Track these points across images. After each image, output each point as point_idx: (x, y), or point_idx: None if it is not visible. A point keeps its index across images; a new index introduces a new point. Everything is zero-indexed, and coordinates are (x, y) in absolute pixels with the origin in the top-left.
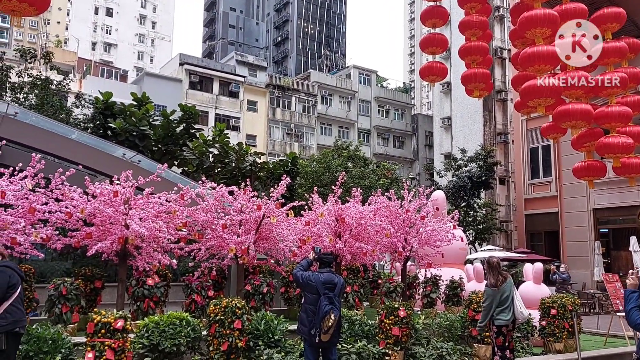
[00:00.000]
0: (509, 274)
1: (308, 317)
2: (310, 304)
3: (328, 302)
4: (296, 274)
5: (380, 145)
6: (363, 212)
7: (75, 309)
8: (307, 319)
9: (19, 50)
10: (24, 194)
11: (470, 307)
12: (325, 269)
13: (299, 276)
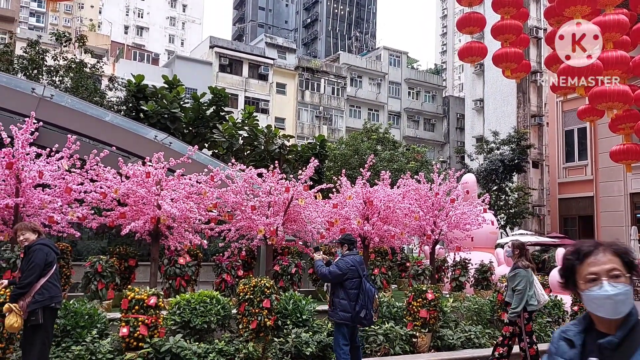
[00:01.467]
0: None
1: (352, 301)
2: (353, 289)
3: (368, 282)
4: (332, 270)
5: (410, 128)
6: (392, 194)
7: (110, 286)
8: (351, 304)
9: (54, 34)
10: (60, 174)
11: (500, 292)
12: (354, 250)
13: (339, 267)
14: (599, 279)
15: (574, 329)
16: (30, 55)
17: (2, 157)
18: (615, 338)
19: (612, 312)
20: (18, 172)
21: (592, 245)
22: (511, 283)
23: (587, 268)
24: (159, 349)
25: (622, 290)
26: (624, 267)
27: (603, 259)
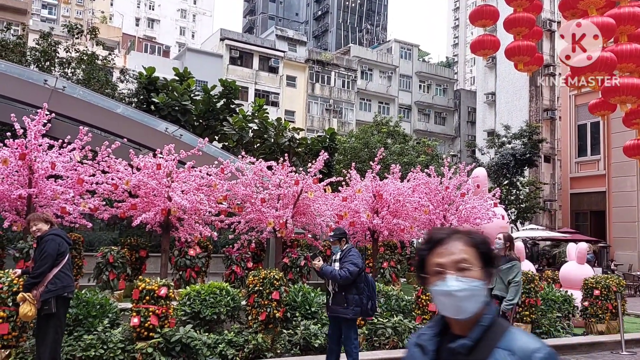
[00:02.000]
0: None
1: (362, 295)
2: (361, 282)
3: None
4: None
5: (420, 122)
6: (401, 188)
7: (122, 277)
8: (362, 298)
9: (66, 26)
10: (72, 165)
11: None
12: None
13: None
14: (445, 272)
15: (427, 332)
16: (43, 47)
17: (15, 148)
18: (468, 341)
19: (455, 310)
20: (31, 163)
21: (445, 233)
22: (506, 275)
23: (434, 259)
24: (170, 339)
25: (466, 286)
26: (478, 259)
27: (453, 249)
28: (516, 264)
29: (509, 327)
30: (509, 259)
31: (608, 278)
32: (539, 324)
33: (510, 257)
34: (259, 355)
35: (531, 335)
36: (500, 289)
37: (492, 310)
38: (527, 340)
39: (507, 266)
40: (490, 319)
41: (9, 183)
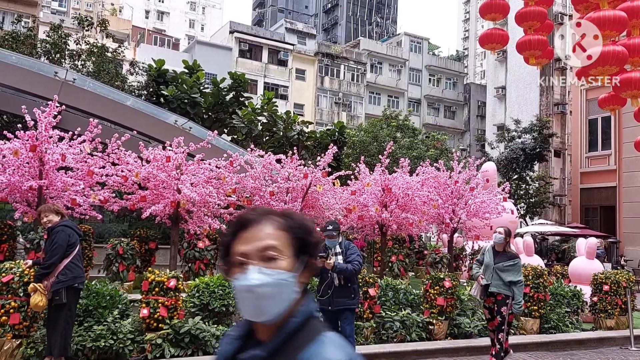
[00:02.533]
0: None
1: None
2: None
3: None
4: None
5: (430, 115)
6: (410, 182)
7: (131, 268)
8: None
9: (76, 18)
10: (83, 157)
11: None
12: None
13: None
14: (247, 262)
15: (232, 333)
16: (53, 39)
17: (26, 139)
18: (261, 351)
19: (253, 311)
20: (41, 154)
21: (254, 215)
22: (506, 274)
23: (238, 246)
24: (179, 330)
25: (269, 280)
26: (291, 246)
27: (259, 234)
28: (518, 262)
29: (321, 334)
30: (509, 256)
31: (618, 273)
32: (547, 319)
33: (510, 254)
34: None
35: (344, 345)
36: (497, 286)
37: (304, 312)
38: (332, 353)
39: (509, 264)
40: (298, 324)
41: (20, 174)
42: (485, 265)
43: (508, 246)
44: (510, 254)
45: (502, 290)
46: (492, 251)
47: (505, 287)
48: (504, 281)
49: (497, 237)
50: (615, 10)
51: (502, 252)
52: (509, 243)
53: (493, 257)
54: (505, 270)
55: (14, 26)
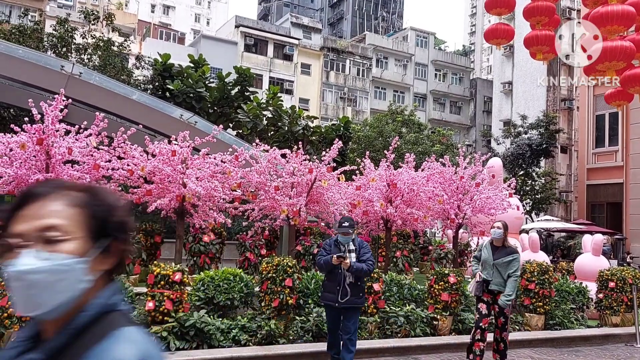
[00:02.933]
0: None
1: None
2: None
3: None
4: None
5: (436, 111)
6: (416, 177)
7: (137, 262)
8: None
9: (83, 12)
10: (89, 151)
11: (524, 277)
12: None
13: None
14: (23, 244)
15: (21, 334)
16: (60, 33)
17: (33, 133)
18: (41, 354)
19: (24, 303)
20: (48, 148)
21: (44, 188)
22: (506, 269)
23: (14, 225)
24: (184, 324)
25: (44, 266)
26: (84, 226)
27: (41, 211)
28: (517, 257)
29: (117, 329)
30: (509, 251)
31: (624, 270)
32: (552, 315)
33: (510, 249)
34: (271, 341)
35: (141, 341)
36: (498, 284)
37: (99, 304)
38: (123, 350)
39: (508, 259)
40: (88, 318)
41: (26, 168)
42: (484, 262)
43: (507, 240)
44: (510, 249)
45: (503, 288)
46: (490, 247)
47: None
48: (505, 279)
49: (496, 232)
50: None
51: (501, 247)
52: (506, 237)
53: (492, 253)
54: (505, 266)
55: (21, 20)
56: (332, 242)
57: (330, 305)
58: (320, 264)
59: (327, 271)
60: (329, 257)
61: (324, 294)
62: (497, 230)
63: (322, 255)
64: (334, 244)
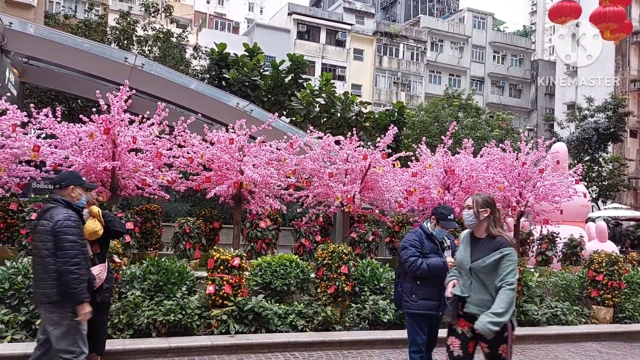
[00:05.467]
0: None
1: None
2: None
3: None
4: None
5: (494, 94)
6: (474, 164)
7: (197, 246)
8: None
9: (143, 5)
10: (151, 139)
11: (591, 267)
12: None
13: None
14: None
15: None
16: (122, 26)
17: (100, 123)
18: None
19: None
20: (114, 137)
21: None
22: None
23: None
24: (243, 308)
25: None
26: None
27: None
28: (511, 253)
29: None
30: (495, 245)
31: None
32: (622, 308)
33: (499, 240)
34: (327, 328)
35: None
36: (480, 302)
37: None
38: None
39: (494, 258)
40: None
41: (95, 156)
42: (459, 265)
43: (493, 226)
44: (498, 240)
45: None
46: (469, 239)
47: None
48: (492, 293)
49: (466, 214)
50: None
51: (485, 239)
52: (494, 220)
53: (470, 250)
54: (489, 271)
55: (86, 14)
56: (421, 236)
57: (428, 315)
58: (423, 269)
59: (415, 272)
60: (441, 261)
61: (419, 302)
62: (467, 212)
63: (414, 255)
64: (427, 239)
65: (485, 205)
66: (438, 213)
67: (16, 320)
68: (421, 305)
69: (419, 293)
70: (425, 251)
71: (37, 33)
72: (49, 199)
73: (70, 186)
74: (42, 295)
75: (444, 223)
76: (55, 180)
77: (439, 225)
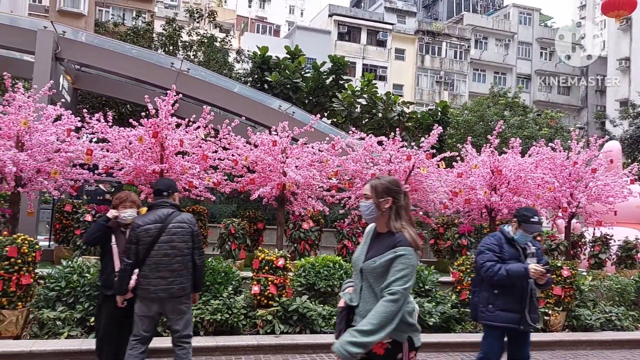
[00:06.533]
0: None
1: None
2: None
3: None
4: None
5: (541, 92)
6: (523, 164)
7: (242, 247)
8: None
9: (188, 11)
10: (197, 142)
11: None
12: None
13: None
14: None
15: None
16: (168, 32)
17: (149, 127)
18: None
19: None
20: (162, 140)
21: None
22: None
23: None
24: (287, 308)
25: None
26: None
27: None
28: (405, 256)
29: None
30: (392, 243)
31: None
32: None
33: (396, 238)
34: None
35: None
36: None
37: None
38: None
39: (385, 259)
40: None
41: (144, 159)
42: (353, 265)
43: (394, 218)
44: (397, 237)
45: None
46: (372, 234)
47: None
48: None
49: (364, 205)
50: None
51: (386, 234)
52: (397, 211)
53: (367, 247)
54: (378, 274)
55: (134, 22)
56: (500, 240)
57: (506, 328)
58: (500, 275)
59: (491, 279)
60: (522, 267)
61: (496, 313)
62: (364, 202)
63: (491, 260)
64: (507, 243)
65: (387, 194)
66: (520, 215)
67: (72, 317)
68: (499, 317)
69: (497, 303)
70: (505, 257)
71: (88, 41)
72: (165, 204)
73: (175, 193)
74: (179, 289)
75: (526, 226)
76: (164, 188)
77: (520, 228)
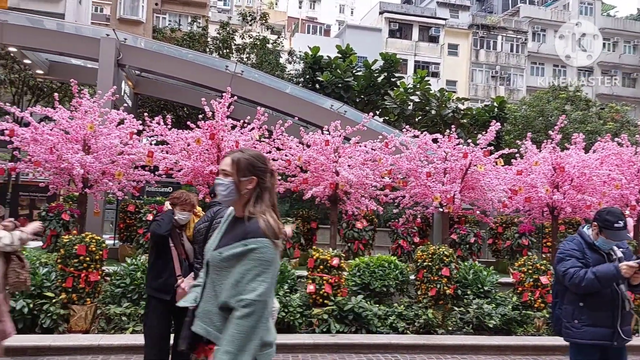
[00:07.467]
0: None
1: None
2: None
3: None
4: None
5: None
6: (587, 160)
7: (296, 246)
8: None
9: (241, 15)
10: (252, 143)
11: None
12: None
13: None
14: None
15: None
16: (222, 35)
17: (206, 129)
18: None
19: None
20: (219, 142)
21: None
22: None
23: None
24: (342, 308)
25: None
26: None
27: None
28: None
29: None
30: (244, 232)
31: None
32: None
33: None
34: (429, 331)
35: None
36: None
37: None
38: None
39: (233, 252)
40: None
41: (201, 160)
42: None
43: (253, 202)
44: (250, 226)
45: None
46: (230, 219)
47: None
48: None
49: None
50: None
51: (241, 220)
52: (260, 194)
53: (222, 235)
54: (221, 270)
55: (190, 27)
56: (580, 245)
57: (597, 345)
58: (588, 279)
59: (578, 286)
60: (612, 266)
61: (584, 329)
62: (221, 180)
63: (575, 266)
64: (589, 249)
65: (251, 172)
66: (601, 220)
67: (136, 313)
68: (587, 334)
69: (583, 318)
70: (589, 263)
71: (147, 47)
72: (217, 203)
73: None
74: None
75: (609, 234)
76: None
77: (602, 235)
